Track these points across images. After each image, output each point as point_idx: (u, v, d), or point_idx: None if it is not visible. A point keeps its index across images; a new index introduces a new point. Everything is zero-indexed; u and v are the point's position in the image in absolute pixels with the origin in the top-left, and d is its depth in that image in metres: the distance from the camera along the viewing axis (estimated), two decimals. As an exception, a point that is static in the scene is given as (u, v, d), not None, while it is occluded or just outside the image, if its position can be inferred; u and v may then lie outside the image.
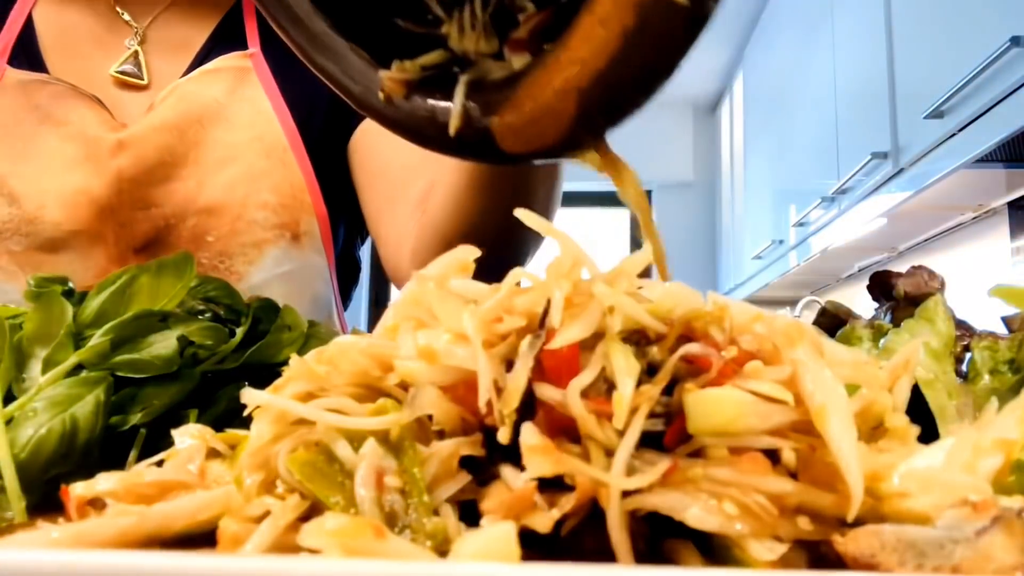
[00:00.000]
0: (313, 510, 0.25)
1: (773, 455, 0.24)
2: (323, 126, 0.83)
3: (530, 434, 0.25)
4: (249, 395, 0.28)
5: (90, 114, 0.75)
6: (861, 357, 0.29)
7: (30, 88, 0.75)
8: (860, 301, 0.66)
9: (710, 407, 0.24)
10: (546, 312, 0.26)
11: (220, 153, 0.77)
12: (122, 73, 0.79)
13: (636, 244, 4.80)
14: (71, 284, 0.46)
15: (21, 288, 0.69)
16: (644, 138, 4.67)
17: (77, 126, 0.74)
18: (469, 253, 0.33)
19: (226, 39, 0.84)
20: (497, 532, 0.22)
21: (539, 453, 0.24)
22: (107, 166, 0.74)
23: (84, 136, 0.74)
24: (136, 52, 0.80)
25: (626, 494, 0.23)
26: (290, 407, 0.27)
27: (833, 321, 0.63)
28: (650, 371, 0.26)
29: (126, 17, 0.82)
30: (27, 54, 0.77)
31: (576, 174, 0.58)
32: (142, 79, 0.80)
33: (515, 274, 0.29)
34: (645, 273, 0.29)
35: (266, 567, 0.19)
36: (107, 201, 0.74)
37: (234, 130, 0.78)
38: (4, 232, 0.73)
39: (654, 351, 0.26)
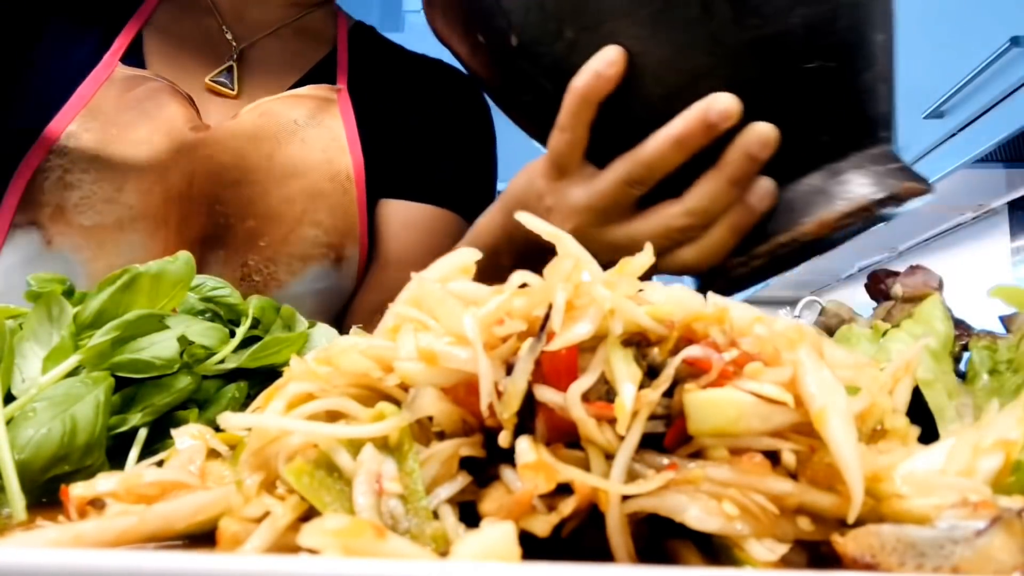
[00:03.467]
0: (313, 510, 0.25)
1: (773, 456, 0.24)
2: (385, 171, 0.89)
3: (525, 450, 0.25)
4: (228, 420, 0.28)
5: (180, 112, 0.81)
6: (861, 359, 0.29)
7: (133, 82, 0.82)
8: (860, 301, 0.66)
9: (711, 409, 0.24)
10: (547, 315, 0.26)
11: (289, 167, 0.83)
12: (215, 82, 0.87)
13: (636, 244, 4.82)
14: (71, 284, 0.46)
15: (84, 261, 0.77)
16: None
17: (166, 121, 0.80)
18: (471, 256, 0.33)
19: (319, 71, 0.92)
20: (497, 533, 0.22)
21: (534, 470, 0.24)
22: (185, 161, 0.80)
23: (170, 130, 0.80)
24: (231, 67, 0.88)
25: (625, 497, 0.23)
26: (283, 426, 0.27)
27: (833, 321, 0.63)
28: (651, 373, 0.26)
29: (229, 36, 0.90)
30: (134, 56, 0.85)
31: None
32: (232, 90, 0.87)
33: (517, 276, 0.29)
34: (646, 276, 0.29)
35: (266, 567, 0.19)
36: (178, 192, 0.79)
37: (307, 149, 0.85)
38: (81, 206, 0.78)
39: (655, 353, 0.26)
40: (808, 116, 0.49)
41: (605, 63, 0.46)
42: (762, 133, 0.47)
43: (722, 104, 0.46)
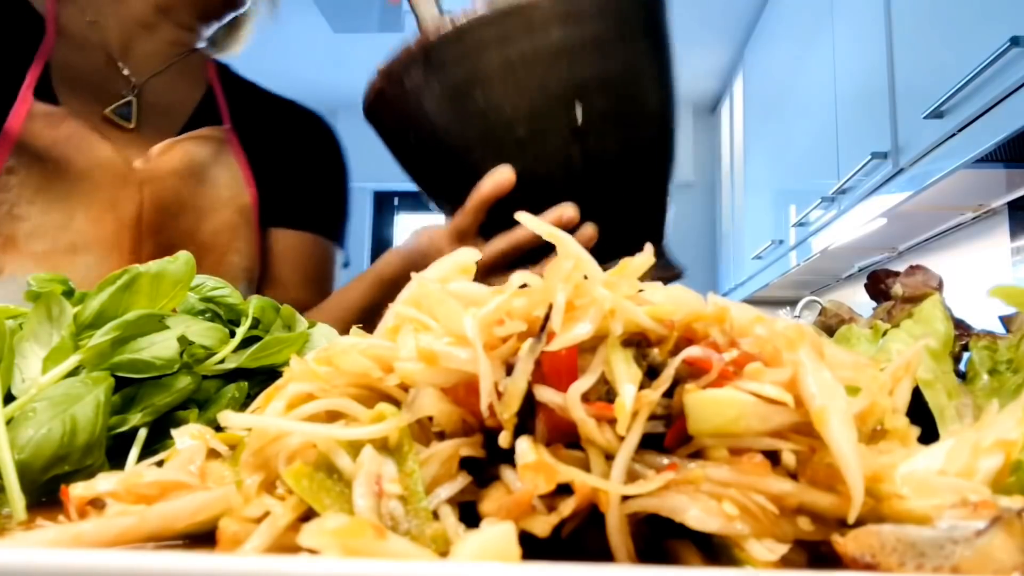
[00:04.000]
0: (313, 510, 0.25)
1: (773, 457, 0.24)
2: (271, 203, 1.04)
3: (525, 450, 0.25)
4: (228, 420, 0.28)
5: (110, 148, 0.90)
6: (861, 359, 0.29)
7: (54, 118, 0.88)
8: (860, 301, 0.66)
9: (711, 409, 0.24)
10: (547, 316, 0.26)
11: (209, 203, 0.97)
12: (116, 114, 0.94)
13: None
14: (71, 284, 0.46)
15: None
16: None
17: (103, 158, 0.89)
18: (470, 256, 0.33)
19: (204, 112, 1.03)
20: (497, 532, 0.22)
21: (534, 470, 0.24)
22: (132, 192, 0.90)
23: (112, 166, 0.89)
24: (131, 100, 0.96)
25: (625, 497, 0.23)
26: (282, 427, 0.27)
27: (833, 321, 0.63)
28: (651, 373, 0.26)
29: (126, 72, 0.98)
30: (46, 90, 0.91)
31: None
32: (130, 123, 0.95)
33: (517, 276, 0.29)
34: (646, 276, 0.29)
35: (266, 567, 0.19)
36: (129, 220, 0.89)
37: (218, 187, 0.99)
38: (33, 235, 0.84)
39: (655, 353, 0.26)
40: (612, 224, 0.70)
41: (503, 176, 0.68)
42: (590, 235, 0.69)
43: (569, 213, 0.68)
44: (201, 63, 1.07)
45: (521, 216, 0.31)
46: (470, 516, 0.25)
